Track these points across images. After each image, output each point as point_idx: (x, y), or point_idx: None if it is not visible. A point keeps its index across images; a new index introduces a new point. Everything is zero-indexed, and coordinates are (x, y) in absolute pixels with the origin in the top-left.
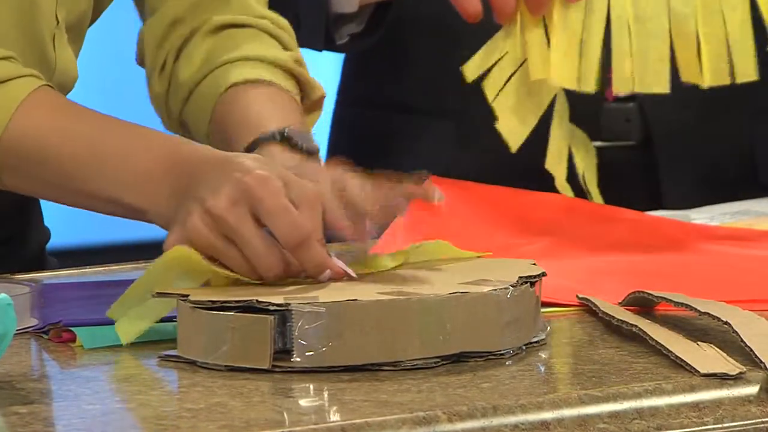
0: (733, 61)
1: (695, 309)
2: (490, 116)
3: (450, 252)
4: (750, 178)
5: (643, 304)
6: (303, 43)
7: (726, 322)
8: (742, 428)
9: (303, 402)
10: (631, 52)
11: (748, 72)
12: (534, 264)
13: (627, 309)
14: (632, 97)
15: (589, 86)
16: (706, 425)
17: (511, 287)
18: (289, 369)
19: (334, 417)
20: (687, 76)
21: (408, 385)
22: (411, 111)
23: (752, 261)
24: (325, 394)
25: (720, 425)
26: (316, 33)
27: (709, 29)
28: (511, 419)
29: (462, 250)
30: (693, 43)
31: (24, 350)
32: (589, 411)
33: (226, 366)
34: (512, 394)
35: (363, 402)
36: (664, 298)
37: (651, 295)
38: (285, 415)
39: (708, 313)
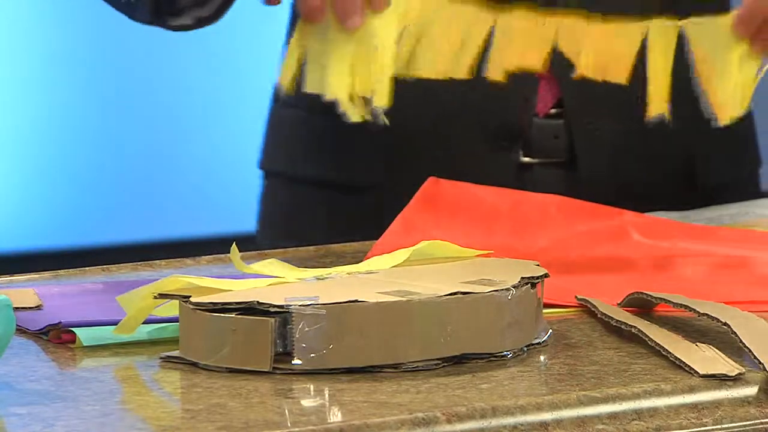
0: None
1: (694, 310)
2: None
3: (451, 251)
4: (689, 186)
5: (642, 305)
6: (134, 16)
7: (725, 323)
8: (741, 429)
9: (302, 403)
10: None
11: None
12: (537, 265)
13: (626, 310)
14: (561, 114)
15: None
16: (705, 426)
17: (512, 288)
18: (289, 371)
19: (333, 418)
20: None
21: (407, 386)
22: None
23: (752, 262)
24: (325, 395)
25: (719, 426)
26: (144, 7)
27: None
28: (510, 420)
29: (463, 248)
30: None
31: (23, 351)
32: (588, 412)
33: (226, 367)
34: (511, 395)
35: (362, 403)
36: (663, 299)
37: (650, 296)
38: (284, 415)
39: (707, 314)
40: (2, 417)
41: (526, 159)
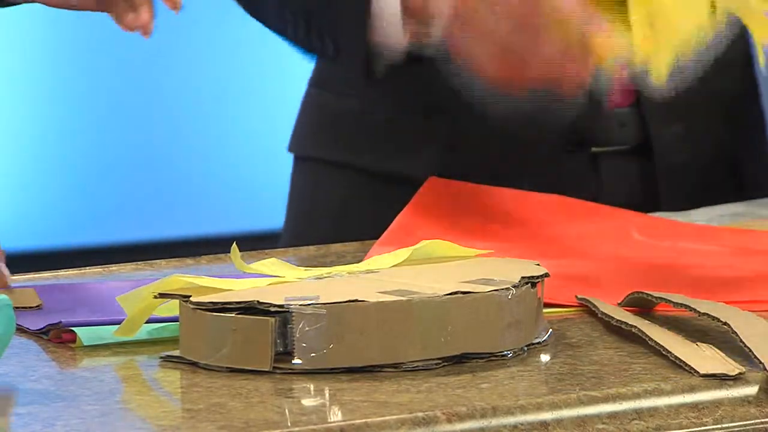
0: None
1: (694, 309)
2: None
3: (451, 251)
4: (735, 184)
5: (642, 305)
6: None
7: (725, 323)
8: (741, 429)
9: (302, 402)
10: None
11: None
12: (537, 264)
13: (626, 309)
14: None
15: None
16: (706, 426)
17: (512, 288)
18: (289, 371)
19: (334, 417)
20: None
21: (407, 386)
22: None
23: (752, 262)
24: (325, 395)
25: (719, 426)
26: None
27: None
28: (510, 420)
29: (463, 248)
30: None
31: (23, 351)
32: (588, 411)
33: (226, 367)
34: (511, 395)
35: (362, 402)
36: (664, 299)
37: (650, 295)
38: (284, 415)
39: (707, 314)
40: (3, 417)
41: (596, 149)
